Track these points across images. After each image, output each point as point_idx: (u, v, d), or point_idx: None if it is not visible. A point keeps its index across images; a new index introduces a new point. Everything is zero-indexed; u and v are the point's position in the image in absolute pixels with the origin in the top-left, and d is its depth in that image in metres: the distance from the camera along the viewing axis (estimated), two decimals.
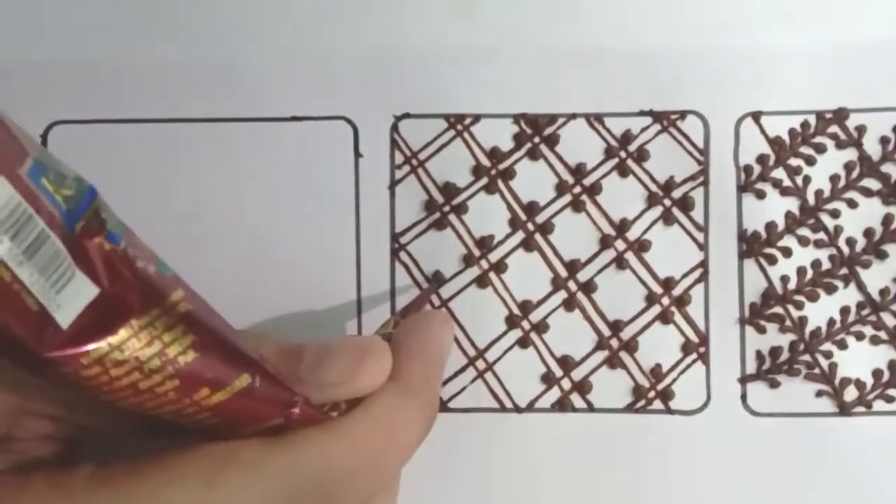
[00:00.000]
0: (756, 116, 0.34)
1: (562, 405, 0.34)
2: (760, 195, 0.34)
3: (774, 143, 0.34)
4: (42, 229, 0.19)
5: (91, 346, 0.19)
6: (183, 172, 0.34)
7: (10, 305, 0.18)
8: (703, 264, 0.34)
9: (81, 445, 0.25)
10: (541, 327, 0.34)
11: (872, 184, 0.34)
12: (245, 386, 0.21)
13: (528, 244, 0.34)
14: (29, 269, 0.19)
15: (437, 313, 0.31)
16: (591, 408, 0.34)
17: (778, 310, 0.34)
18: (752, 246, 0.34)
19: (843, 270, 0.34)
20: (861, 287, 0.34)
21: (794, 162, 0.34)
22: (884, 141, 0.34)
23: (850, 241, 0.34)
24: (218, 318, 0.22)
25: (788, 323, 0.34)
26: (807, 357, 0.33)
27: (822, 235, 0.34)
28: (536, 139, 0.34)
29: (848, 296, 0.34)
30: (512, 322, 0.34)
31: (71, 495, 0.21)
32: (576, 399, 0.34)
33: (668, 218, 0.34)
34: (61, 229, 0.19)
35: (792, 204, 0.34)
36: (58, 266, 0.19)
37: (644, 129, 0.34)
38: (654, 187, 0.34)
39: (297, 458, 0.22)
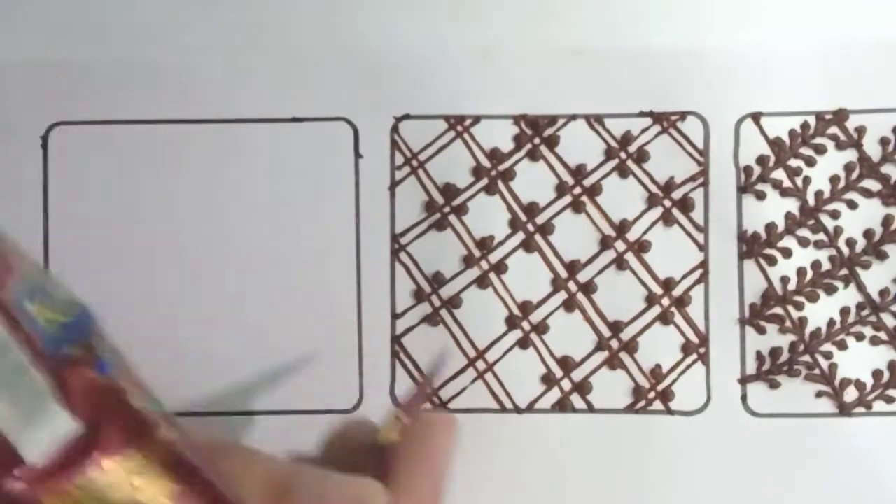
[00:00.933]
0: (756, 117, 0.34)
1: (562, 406, 0.34)
2: (760, 196, 0.34)
3: (774, 143, 0.34)
4: (18, 359, 0.18)
5: (58, 483, 0.18)
6: (183, 173, 0.34)
7: None
8: (703, 265, 0.34)
9: None
10: (541, 328, 0.34)
11: (872, 185, 0.34)
12: None
13: (528, 245, 0.34)
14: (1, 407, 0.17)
15: (442, 420, 0.29)
16: (591, 408, 0.34)
17: (778, 310, 0.34)
18: (752, 247, 0.34)
19: (843, 271, 0.34)
20: (861, 288, 0.34)
21: (793, 163, 0.34)
22: (884, 142, 0.34)
23: (850, 242, 0.34)
24: (206, 460, 0.20)
25: (788, 323, 0.34)
26: (807, 358, 0.34)
27: (822, 236, 0.34)
28: (536, 140, 0.34)
29: (848, 296, 0.34)
30: (512, 323, 0.34)
31: None
32: (576, 400, 0.34)
33: (668, 219, 0.34)
34: (42, 356, 0.18)
35: (792, 205, 0.34)
36: (32, 398, 0.18)
37: (644, 130, 0.34)
38: (654, 188, 0.34)
39: None
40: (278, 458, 0.23)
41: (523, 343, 0.34)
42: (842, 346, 0.34)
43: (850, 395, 0.33)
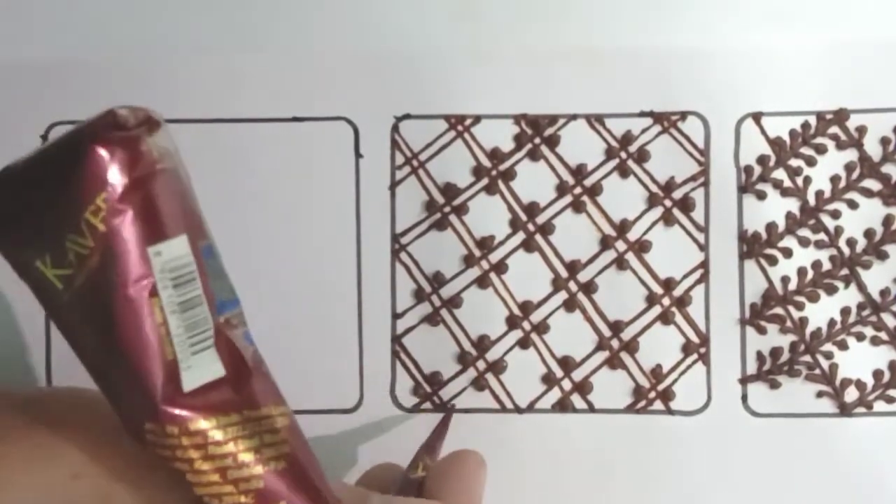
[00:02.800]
0: (757, 117, 0.34)
1: (562, 406, 0.34)
2: (761, 196, 0.34)
3: (775, 143, 0.34)
4: (199, 294, 0.20)
5: (202, 415, 0.20)
6: None
7: (152, 345, 0.19)
8: (704, 265, 0.34)
9: None
10: (541, 328, 0.34)
11: (873, 184, 0.34)
12: None
13: (528, 245, 0.34)
14: (178, 321, 0.19)
15: (470, 456, 0.30)
16: (591, 408, 0.34)
17: (778, 310, 0.34)
18: (753, 246, 0.34)
19: (844, 271, 0.34)
20: (861, 288, 0.34)
21: (794, 162, 0.34)
22: (884, 142, 0.34)
23: (851, 242, 0.34)
24: (312, 455, 0.22)
25: (789, 323, 0.34)
26: (807, 358, 0.33)
27: (822, 236, 0.34)
28: (537, 140, 0.34)
29: (848, 296, 0.34)
30: (512, 323, 0.34)
31: None
32: (576, 400, 0.34)
33: (668, 219, 0.34)
34: (212, 308, 0.20)
35: (792, 204, 0.34)
36: (201, 332, 0.20)
37: (644, 130, 0.34)
38: (654, 188, 0.34)
39: None
40: (348, 484, 0.25)
41: (524, 343, 0.34)
42: (842, 346, 0.34)
43: (851, 395, 0.33)
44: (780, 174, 0.34)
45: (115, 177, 0.19)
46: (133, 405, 0.20)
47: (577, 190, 0.34)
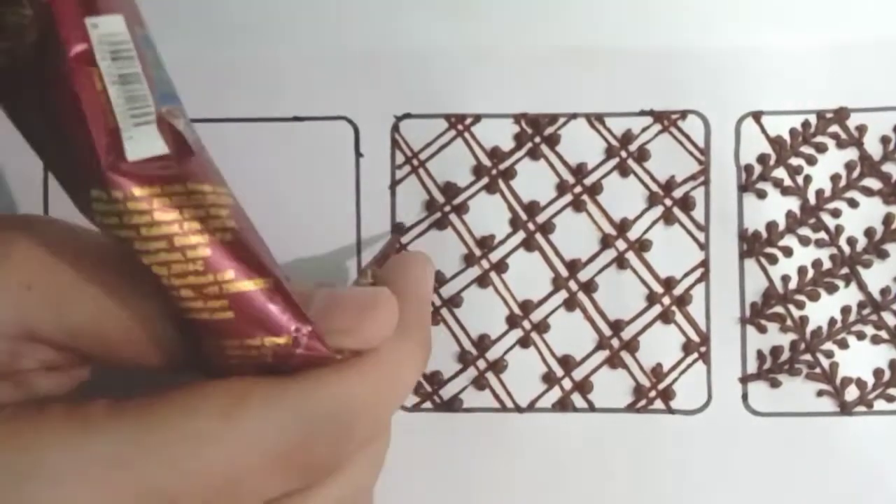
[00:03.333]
0: (757, 116, 0.34)
1: (563, 405, 0.34)
2: (761, 195, 0.34)
3: (775, 142, 0.34)
4: (138, 73, 0.20)
5: (147, 183, 0.20)
6: None
7: (94, 112, 0.20)
8: (704, 264, 0.34)
9: (89, 387, 0.25)
10: (542, 327, 0.34)
11: (873, 183, 0.34)
12: (268, 287, 0.22)
13: (528, 244, 0.34)
14: (118, 92, 0.20)
15: (415, 253, 0.31)
16: (592, 407, 0.34)
17: (779, 309, 0.34)
18: (753, 245, 0.34)
19: (844, 270, 0.34)
20: (862, 286, 0.34)
21: (794, 161, 0.34)
22: (884, 140, 0.34)
23: (851, 241, 0.34)
24: (260, 238, 0.23)
25: (789, 322, 0.34)
26: (808, 356, 0.33)
27: (822, 235, 0.34)
28: (537, 139, 0.34)
29: (849, 295, 0.34)
30: (513, 322, 0.34)
31: (87, 424, 0.21)
32: (577, 399, 0.34)
33: (668, 217, 0.34)
34: (153, 90, 0.21)
35: (793, 203, 0.34)
36: (142, 107, 0.20)
37: (645, 129, 0.34)
38: (654, 187, 0.34)
39: (310, 393, 0.22)
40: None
41: (524, 342, 0.34)
42: (843, 344, 0.34)
43: (852, 393, 0.33)
44: (780, 173, 0.34)
45: None
46: (78, 176, 0.20)
47: (578, 189, 0.34)
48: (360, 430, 0.23)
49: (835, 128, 0.34)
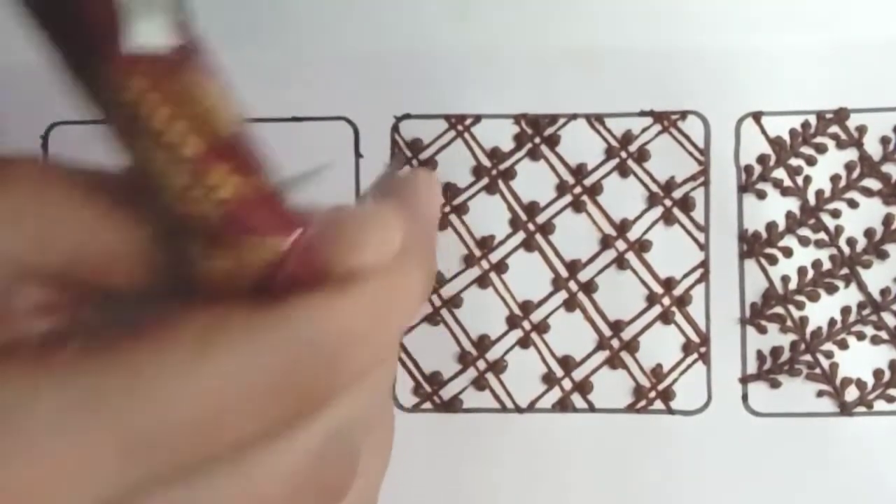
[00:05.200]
0: (757, 116, 0.34)
1: (563, 405, 0.34)
2: (761, 195, 0.34)
3: (775, 143, 0.34)
4: None
5: (148, 69, 0.19)
6: None
7: None
8: (704, 264, 0.34)
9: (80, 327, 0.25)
10: (542, 327, 0.34)
11: (873, 184, 0.34)
12: (264, 189, 0.21)
13: (528, 244, 0.34)
14: None
15: (420, 170, 0.30)
16: (591, 408, 0.34)
17: (779, 310, 0.34)
18: (753, 246, 0.34)
19: (844, 270, 0.34)
20: (862, 287, 0.34)
21: (794, 162, 0.34)
22: (884, 141, 0.34)
23: (851, 241, 0.34)
24: (258, 145, 0.22)
25: (789, 323, 0.34)
26: (808, 357, 0.33)
27: (822, 235, 0.34)
28: (537, 139, 0.34)
29: (849, 296, 0.34)
30: (513, 322, 0.34)
31: (52, 369, 0.20)
32: (577, 399, 0.34)
33: (668, 218, 0.34)
34: None
35: (792, 204, 0.34)
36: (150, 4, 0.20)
37: (645, 130, 0.34)
38: (654, 187, 0.34)
39: (293, 319, 0.20)
40: None
41: (524, 342, 0.34)
42: (843, 345, 0.34)
43: (851, 394, 0.33)
44: (780, 173, 0.34)
45: None
46: (80, 56, 0.19)
47: (578, 189, 0.34)
48: (352, 360, 0.21)
49: (835, 128, 0.34)
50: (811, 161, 0.34)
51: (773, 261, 0.34)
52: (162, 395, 0.20)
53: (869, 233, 0.34)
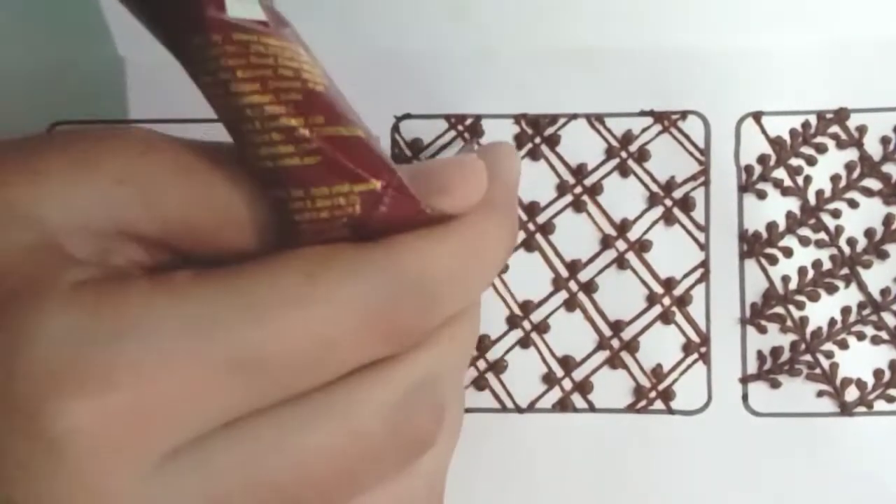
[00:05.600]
0: (757, 116, 0.34)
1: (563, 405, 0.34)
2: (761, 195, 0.34)
3: (775, 143, 0.34)
4: None
5: (244, 31, 0.21)
6: None
7: None
8: (704, 264, 0.34)
9: None
10: (542, 327, 0.34)
11: (873, 184, 0.34)
12: (358, 135, 0.22)
13: (528, 244, 0.34)
14: None
15: (502, 143, 0.29)
16: (592, 408, 0.34)
17: (779, 310, 0.34)
18: (753, 246, 0.34)
19: (844, 270, 0.34)
20: (862, 287, 0.34)
21: (794, 162, 0.34)
22: (885, 141, 0.34)
23: (851, 241, 0.34)
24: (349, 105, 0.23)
25: (789, 323, 0.34)
26: (808, 357, 0.33)
27: (823, 235, 0.34)
28: (537, 139, 0.34)
29: (849, 296, 0.34)
30: (513, 322, 0.34)
31: (173, 290, 0.20)
32: (577, 399, 0.34)
33: (668, 218, 0.34)
34: None
35: (793, 204, 0.34)
36: None
37: (645, 130, 0.34)
38: (654, 187, 0.34)
39: (396, 258, 0.21)
40: None
41: (524, 342, 0.34)
42: (843, 345, 0.34)
43: (852, 394, 0.33)
44: (780, 173, 0.34)
45: None
46: (178, 24, 0.21)
47: (578, 189, 0.34)
48: (445, 300, 0.22)
49: (835, 128, 0.34)
50: (811, 161, 0.34)
51: (773, 261, 0.34)
52: (273, 319, 0.20)
53: (869, 233, 0.34)
